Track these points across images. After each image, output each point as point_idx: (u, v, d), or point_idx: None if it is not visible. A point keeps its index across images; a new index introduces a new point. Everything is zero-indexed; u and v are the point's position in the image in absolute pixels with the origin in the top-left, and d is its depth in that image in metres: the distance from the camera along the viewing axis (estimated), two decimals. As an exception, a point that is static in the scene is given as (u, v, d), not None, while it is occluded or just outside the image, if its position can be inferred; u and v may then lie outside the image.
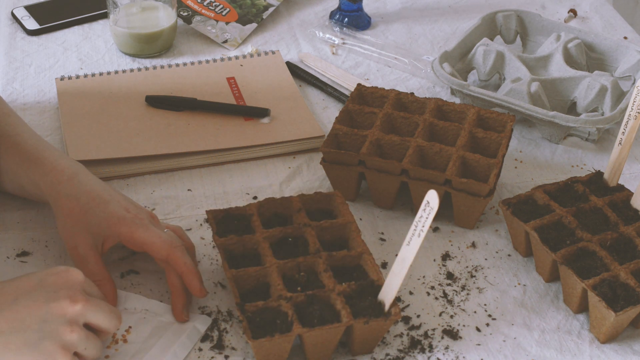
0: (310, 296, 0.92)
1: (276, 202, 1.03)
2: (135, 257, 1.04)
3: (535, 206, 1.05)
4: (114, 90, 1.28)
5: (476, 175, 1.09)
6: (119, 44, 1.38)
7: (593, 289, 0.94)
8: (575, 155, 1.22)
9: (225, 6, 1.45)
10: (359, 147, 1.11)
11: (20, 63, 1.36)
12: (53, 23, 1.44)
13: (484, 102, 1.24)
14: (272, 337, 0.88)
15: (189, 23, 1.42)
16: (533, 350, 0.95)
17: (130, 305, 0.98)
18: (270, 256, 0.96)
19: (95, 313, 0.88)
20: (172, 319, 0.96)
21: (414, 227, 0.86)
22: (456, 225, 1.10)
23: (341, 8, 1.46)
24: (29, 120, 1.24)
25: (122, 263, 1.04)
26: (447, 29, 1.47)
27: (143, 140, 1.19)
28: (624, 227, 1.01)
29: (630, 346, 0.96)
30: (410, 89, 1.33)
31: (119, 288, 1.00)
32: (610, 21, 1.50)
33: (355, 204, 1.13)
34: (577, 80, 1.25)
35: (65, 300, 0.86)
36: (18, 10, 1.46)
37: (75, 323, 0.87)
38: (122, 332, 0.94)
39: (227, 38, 1.41)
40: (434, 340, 0.96)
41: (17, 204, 1.11)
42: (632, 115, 1.03)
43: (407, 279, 1.02)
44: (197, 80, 1.31)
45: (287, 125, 1.23)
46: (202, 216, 1.11)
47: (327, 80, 1.34)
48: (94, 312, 0.88)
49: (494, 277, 1.04)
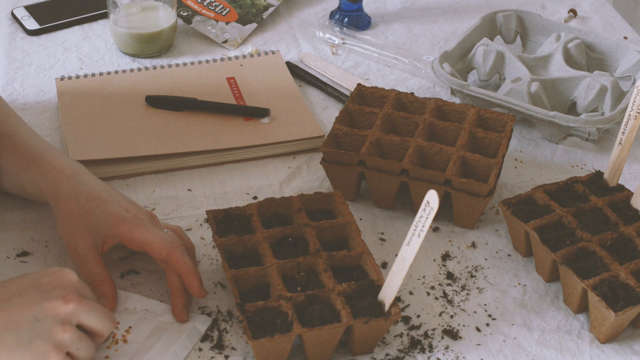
0: (310, 296, 0.92)
1: (276, 202, 1.03)
2: (135, 257, 1.04)
3: (535, 206, 1.05)
4: (114, 90, 1.28)
5: (476, 175, 1.09)
6: (119, 44, 1.38)
7: (593, 289, 0.94)
8: (575, 155, 1.22)
9: (225, 6, 1.45)
10: (359, 147, 1.11)
11: (20, 63, 1.36)
12: (53, 23, 1.44)
13: (484, 102, 1.24)
14: (272, 337, 0.88)
15: (189, 23, 1.42)
16: (533, 350, 0.95)
17: (130, 305, 0.98)
18: (270, 256, 0.96)
19: (88, 314, 0.88)
20: (172, 319, 0.96)
21: (414, 227, 0.86)
22: (456, 225, 1.10)
23: (341, 8, 1.46)
24: (29, 120, 1.24)
25: (122, 263, 1.04)
26: (447, 29, 1.47)
27: (143, 140, 1.19)
28: (624, 227, 1.01)
29: (630, 346, 0.96)
30: (410, 89, 1.33)
31: (119, 288, 1.00)
32: (610, 21, 1.50)
33: (355, 204, 1.13)
34: (577, 80, 1.25)
35: (58, 300, 0.86)
36: (18, 10, 1.46)
37: (68, 323, 0.87)
38: (122, 332, 0.94)
39: (227, 38, 1.41)
40: (434, 340, 0.96)
41: (17, 204, 1.11)
42: (632, 115, 1.03)
43: (407, 279, 1.02)
44: (197, 80, 1.31)
45: (287, 125, 1.23)
46: (202, 216, 1.10)
47: (327, 80, 1.34)
48: (87, 312, 0.88)
49: (494, 277, 1.04)
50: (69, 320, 0.87)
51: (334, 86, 1.33)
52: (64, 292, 0.87)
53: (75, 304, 0.87)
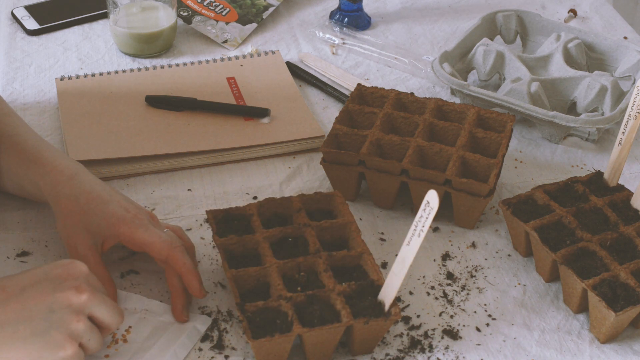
0: (310, 296, 0.92)
1: (276, 202, 1.03)
2: (135, 257, 1.04)
3: (535, 206, 1.05)
4: (114, 90, 1.28)
5: (476, 175, 1.09)
6: (119, 44, 1.38)
7: (593, 289, 0.94)
8: (575, 155, 1.22)
9: (225, 6, 1.45)
10: (359, 147, 1.11)
11: (20, 63, 1.36)
12: (53, 23, 1.44)
13: (484, 102, 1.24)
14: (272, 337, 0.88)
15: (189, 23, 1.42)
16: (533, 350, 0.95)
17: (130, 305, 0.98)
18: (270, 256, 0.96)
19: (100, 306, 0.89)
20: (172, 319, 0.96)
21: (414, 227, 0.86)
22: (456, 225, 1.10)
23: (341, 8, 1.46)
24: (29, 120, 1.24)
25: (122, 263, 1.04)
26: (447, 29, 1.47)
27: (143, 140, 1.19)
28: (624, 227, 1.01)
29: (630, 346, 0.96)
30: (410, 89, 1.33)
31: (119, 288, 1.00)
32: (610, 21, 1.50)
33: (355, 204, 1.13)
34: (577, 80, 1.25)
35: (71, 290, 0.87)
36: (18, 10, 1.46)
37: (81, 313, 0.87)
38: (122, 332, 0.94)
39: (227, 38, 1.41)
40: (434, 340, 0.96)
41: (17, 204, 1.11)
42: (632, 115, 1.03)
43: (407, 279, 1.02)
44: (197, 80, 1.31)
45: (287, 125, 1.23)
46: (202, 216, 1.10)
47: (327, 80, 1.34)
48: (99, 304, 0.89)
49: (494, 277, 1.04)
50: (82, 310, 0.87)
51: (334, 86, 1.33)
52: (76, 282, 0.88)
53: (88, 295, 0.88)
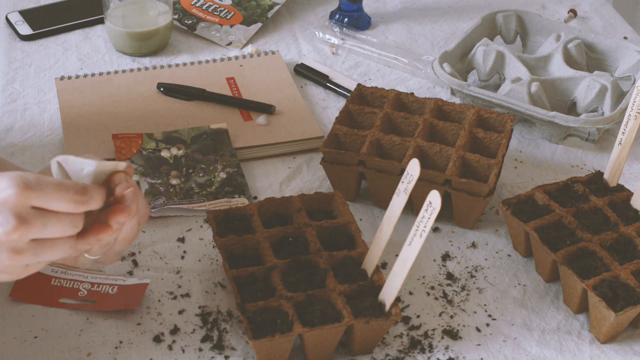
0: (310, 296, 0.92)
1: (276, 202, 1.03)
2: (135, 257, 1.04)
3: (535, 206, 1.05)
4: (114, 90, 1.28)
5: (476, 175, 1.09)
6: (115, 42, 1.38)
7: (593, 289, 0.94)
8: (575, 155, 1.22)
9: (230, 10, 1.45)
10: (359, 147, 1.11)
11: (20, 63, 1.36)
12: (47, 28, 1.42)
13: (484, 102, 1.24)
14: (272, 337, 0.88)
15: (193, 30, 1.42)
16: (533, 350, 0.95)
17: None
18: (271, 256, 0.96)
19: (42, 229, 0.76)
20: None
21: (415, 227, 0.86)
22: (456, 225, 1.10)
23: (341, 8, 1.46)
24: (29, 120, 1.24)
25: (123, 263, 1.04)
26: (447, 29, 1.47)
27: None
28: (624, 227, 1.01)
29: (630, 346, 0.96)
30: (410, 89, 1.33)
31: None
32: (610, 21, 1.50)
33: (355, 204, 1.13)
34: (577, 80, 1.25)
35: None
36: (12, 15, 1.44)
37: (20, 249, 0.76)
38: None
39: (232, 40, 1.41)
40: (434, 340, 0.96)
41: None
42: (632, 115, 1.03)
43: (407, 279, 1.02)
44: (197, 80, 1.31)
45: (287, 126, 1.23)
46: (202, 216, 1.10)
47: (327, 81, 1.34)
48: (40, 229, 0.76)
49: (494, 277, 1.04)
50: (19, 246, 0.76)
51: (334, 86, 1.33)
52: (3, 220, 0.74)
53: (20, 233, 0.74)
